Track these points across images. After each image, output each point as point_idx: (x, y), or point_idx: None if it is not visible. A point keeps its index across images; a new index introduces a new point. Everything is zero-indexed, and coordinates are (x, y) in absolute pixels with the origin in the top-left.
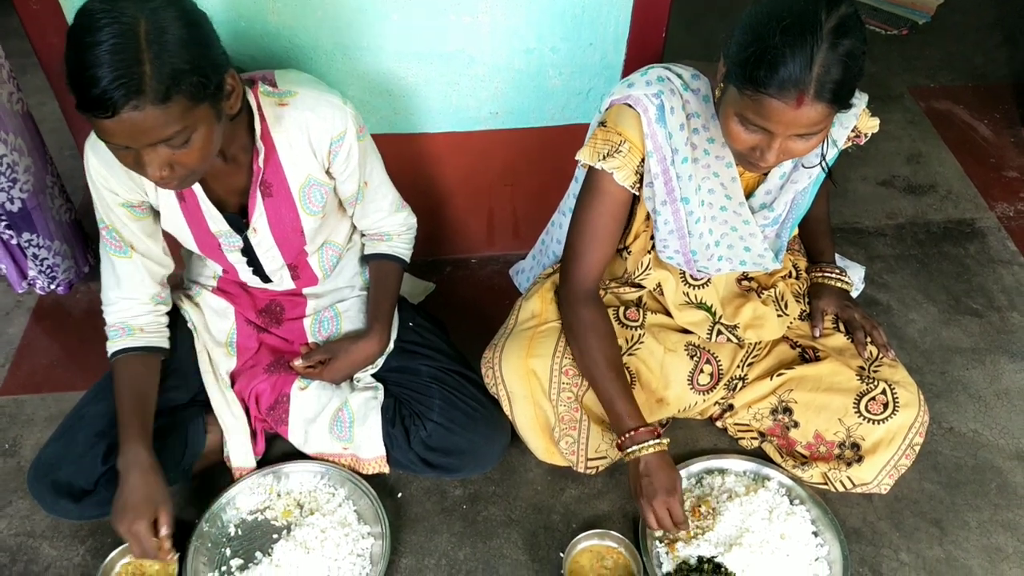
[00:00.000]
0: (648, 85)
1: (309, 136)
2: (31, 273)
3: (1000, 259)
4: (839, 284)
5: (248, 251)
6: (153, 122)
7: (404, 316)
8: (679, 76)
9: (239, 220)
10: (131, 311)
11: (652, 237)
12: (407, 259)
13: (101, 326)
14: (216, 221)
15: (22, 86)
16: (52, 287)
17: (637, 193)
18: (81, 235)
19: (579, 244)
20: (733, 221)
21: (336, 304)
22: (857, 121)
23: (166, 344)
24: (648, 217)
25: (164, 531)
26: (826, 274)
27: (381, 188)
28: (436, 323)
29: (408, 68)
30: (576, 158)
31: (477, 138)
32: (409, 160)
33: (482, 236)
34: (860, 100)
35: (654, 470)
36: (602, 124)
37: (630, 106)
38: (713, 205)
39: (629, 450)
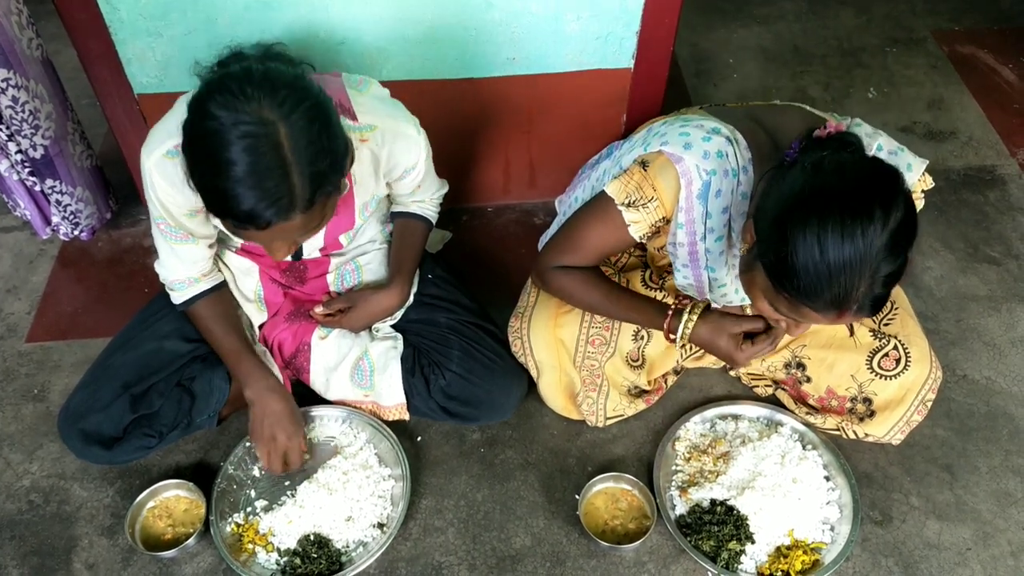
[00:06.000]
0: (705, 157)
1: (386, 166)
2: (54, 219)
3: (1020, 206)
4: None
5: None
6: (301, 226)
7: (423, 268)
8: (737, 158)
9: None
10: (192, 274)
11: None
12: (434, 220)
13: (125, 274)
14: None
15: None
16: (75, 233)
17: (644, 242)
18: (103, 181)
19: (570, 248)
20: None
21: (358, 258)
22: None
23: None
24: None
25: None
26: None
27: (428, 180)
28: (455, 273)
29: (424, 12)
30: (605, 189)
31: (493, 84)
32: (424, 106)
33: (498, 184)
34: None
35: (708, 339)
36: (643, 165)
37: (677, 168)
38: (737, 268)
39: (678, 335)
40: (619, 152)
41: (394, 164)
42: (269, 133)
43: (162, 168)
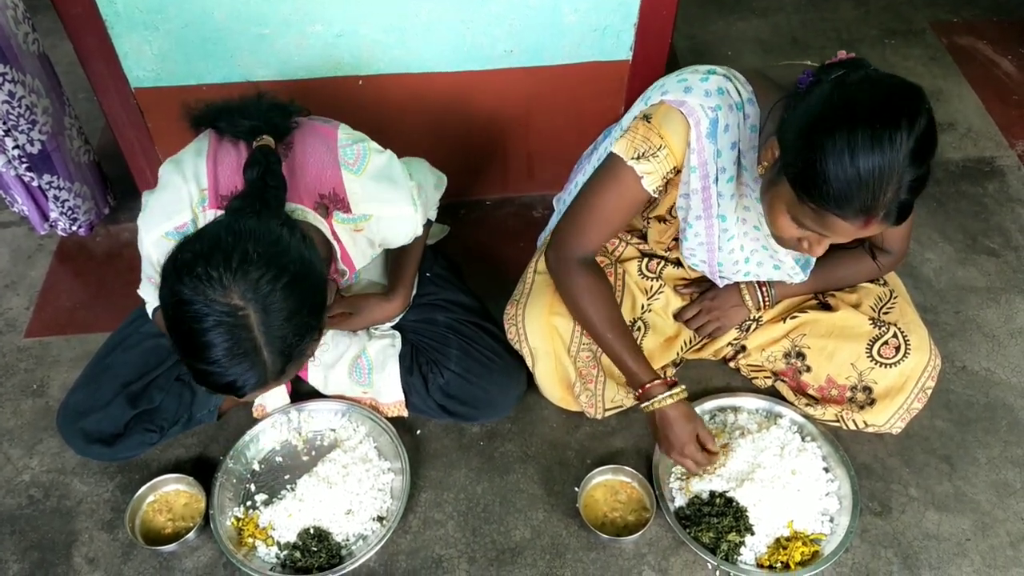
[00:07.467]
0: (707, 96)
1: (381, 243)
2: (52, 215)
3: (1019, 198)
4: None
5: None
6: (273, 385)
7: (422, 267)
8: (738, 92)
9: None
10: None
11: (676, 238)
12: (434, 218)
13: (123, 269)
14: None
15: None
16: (73, 228)
17: (657, 197)
18: (101, 176)
19: (584, 220)
20: (765, 241)
21: None
22: None
23: None
24: (673, 208)
25: None
26: None
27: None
28: (453, 269)
29: (422, 5)
30: (611, 150)
31: (491, 77)
32: (422, 100)
33: (496, 177)
34: None
35: (671, 422)
36: (646, 118)
37: (682, 112)
38: (747, 222)
39: (645, 404)
40: (616, 125)
41: (389, 242)
42: (240, 322)
43: (161, 248)
